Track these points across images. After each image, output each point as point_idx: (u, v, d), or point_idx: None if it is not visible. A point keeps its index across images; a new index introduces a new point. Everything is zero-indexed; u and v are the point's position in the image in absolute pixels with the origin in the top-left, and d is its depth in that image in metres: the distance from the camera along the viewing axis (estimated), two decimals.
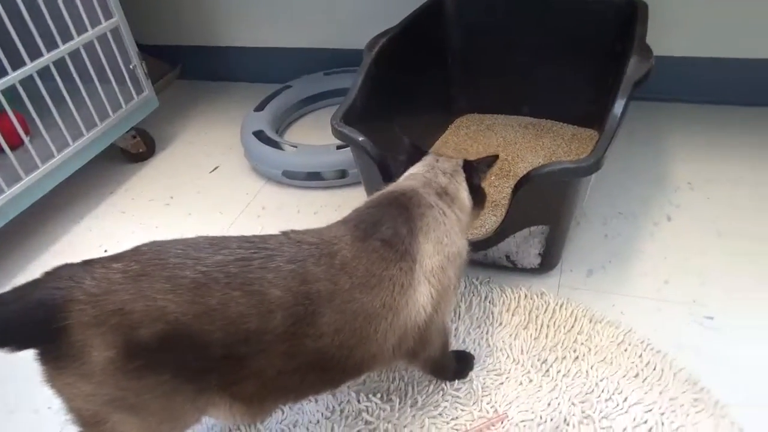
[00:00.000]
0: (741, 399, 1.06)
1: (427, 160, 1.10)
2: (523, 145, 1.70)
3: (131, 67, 1.84)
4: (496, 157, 1.11)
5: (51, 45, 1.57)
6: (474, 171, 1.08)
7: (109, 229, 1.71)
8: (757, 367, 1.11)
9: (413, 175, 1.07)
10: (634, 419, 1.04)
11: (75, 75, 1.64)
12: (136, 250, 0.84)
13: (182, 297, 0.78)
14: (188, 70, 2.51)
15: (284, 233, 0.91)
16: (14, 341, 0.76)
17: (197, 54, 2.45)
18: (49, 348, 0.77)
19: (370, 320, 0.87)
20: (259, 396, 0.89)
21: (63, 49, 1.60)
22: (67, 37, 1.62)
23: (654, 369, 1.12)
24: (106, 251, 1.52)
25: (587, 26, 1.63)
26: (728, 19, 1.74)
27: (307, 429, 1.09)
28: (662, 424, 1.03)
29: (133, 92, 1.86)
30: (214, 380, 0.84)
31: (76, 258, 0.82)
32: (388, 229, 0.92)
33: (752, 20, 1.72)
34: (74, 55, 1.64)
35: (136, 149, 1.97)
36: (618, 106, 1.15)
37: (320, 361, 0.86)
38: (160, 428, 0.86)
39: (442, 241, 0.96)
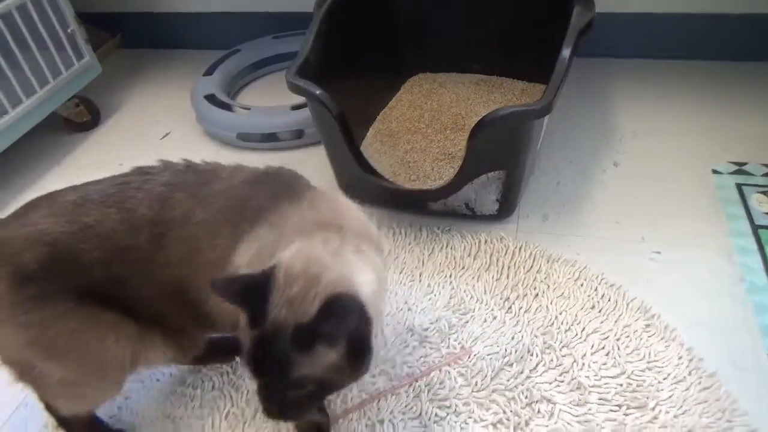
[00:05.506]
0: (687, 322, 1.13)
1: None
2: (475, 101, 1.73)
3: (69, 31, 1.76)
4: None
5: None
6: None
7: None
8: (699, 293, 1.19)
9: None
10: (593, 346, 1.10)
11: (10, 41, 1.57)
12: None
13: (62, 218, 0.80)
14: (130, 38, 2.42)
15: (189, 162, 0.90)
16: None
17: (138, 21, 2.35)
18: None
19: (211, 268, 0.82)
20: (150, 321, 0.87)
21: None
22: None
23: (609, 300, 1.18)
24: None
25: None
26: None
27: None
28: (618, 348, 1.09)
29: (74, 58, 1.79)
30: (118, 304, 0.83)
31: None
32: (254, 198, 0.85)
33: None
34: (7, 19, 1.56)
35: (80, 118, 1.89)
36: (565, 51, 1.19)
37: (184, 292, 0.84)
38: (88, 379, 0.86)
39: (262, 253, 0.80)
